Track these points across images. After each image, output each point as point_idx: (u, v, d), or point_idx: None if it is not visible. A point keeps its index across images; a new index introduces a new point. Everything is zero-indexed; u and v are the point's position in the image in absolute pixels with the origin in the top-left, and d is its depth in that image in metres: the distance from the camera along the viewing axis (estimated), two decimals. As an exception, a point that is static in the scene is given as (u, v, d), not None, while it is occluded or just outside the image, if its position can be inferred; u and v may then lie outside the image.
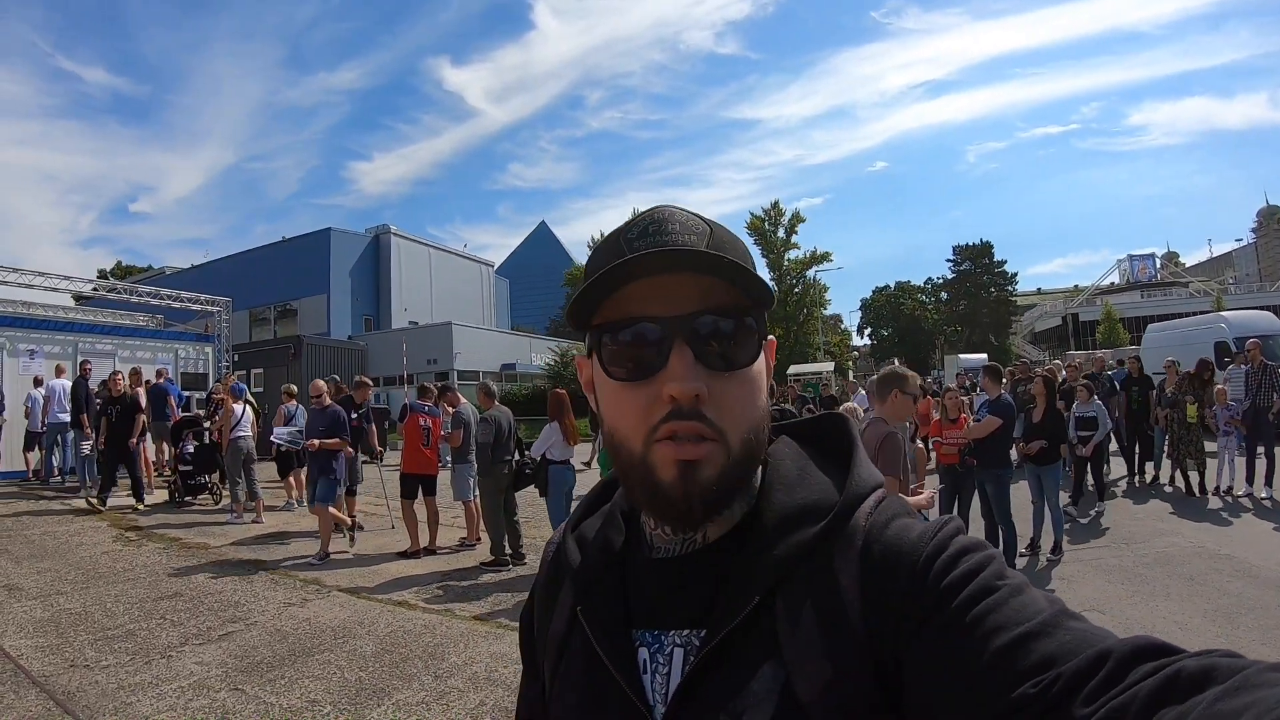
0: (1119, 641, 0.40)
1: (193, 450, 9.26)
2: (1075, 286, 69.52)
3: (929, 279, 58.26)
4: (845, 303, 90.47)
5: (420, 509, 6.58)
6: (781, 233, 40.10)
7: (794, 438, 0.64)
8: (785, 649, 0.50)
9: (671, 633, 0.56)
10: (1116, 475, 9.15)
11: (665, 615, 0.57)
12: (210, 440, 9.28)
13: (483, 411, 6.42)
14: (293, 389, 8.67)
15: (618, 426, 0.56)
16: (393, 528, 7.40)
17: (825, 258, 39.80)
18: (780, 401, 9.25)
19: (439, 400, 7.02)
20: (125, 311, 14.70)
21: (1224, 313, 18.49)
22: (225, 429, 8.39)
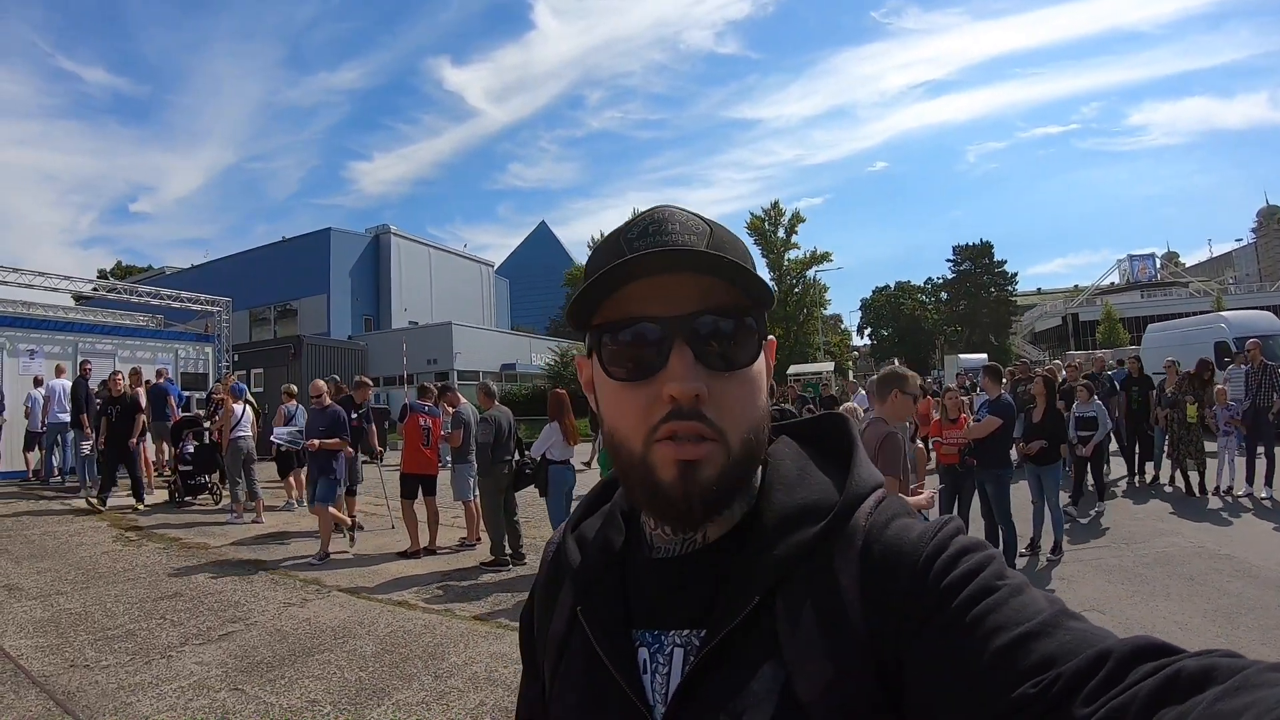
0: (1119, 641, 0.40)
1: (193, 450, 9.27)
2: (1075, 286, 69.54)
3: (929, 279, 58.35)
4: (845, 303, 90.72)
5: (420, 509, 6.58)
6: (781, 233, 40.10)
7: (794, 438, 0.64)
8: (785, 649, 0.50)
9: (671, 633, 0.56)
10: (1117, 475, 9.15)
11: (665, 615, 0.57)
12: (210, 440, 9.29)
13: (483, 411, 6.42)
14: (293, 389, 8.67)
15: (618, 426, 0.56)
16: (393, 528, 7.40)
17: (825, 258, 39.82)
18: (780, 401, 9.25)
19: (439, 400, 7.03)
20: (125, 311, 14.70)
21: (1224, 313, 18.49)
22: (225, 429, 8.39)
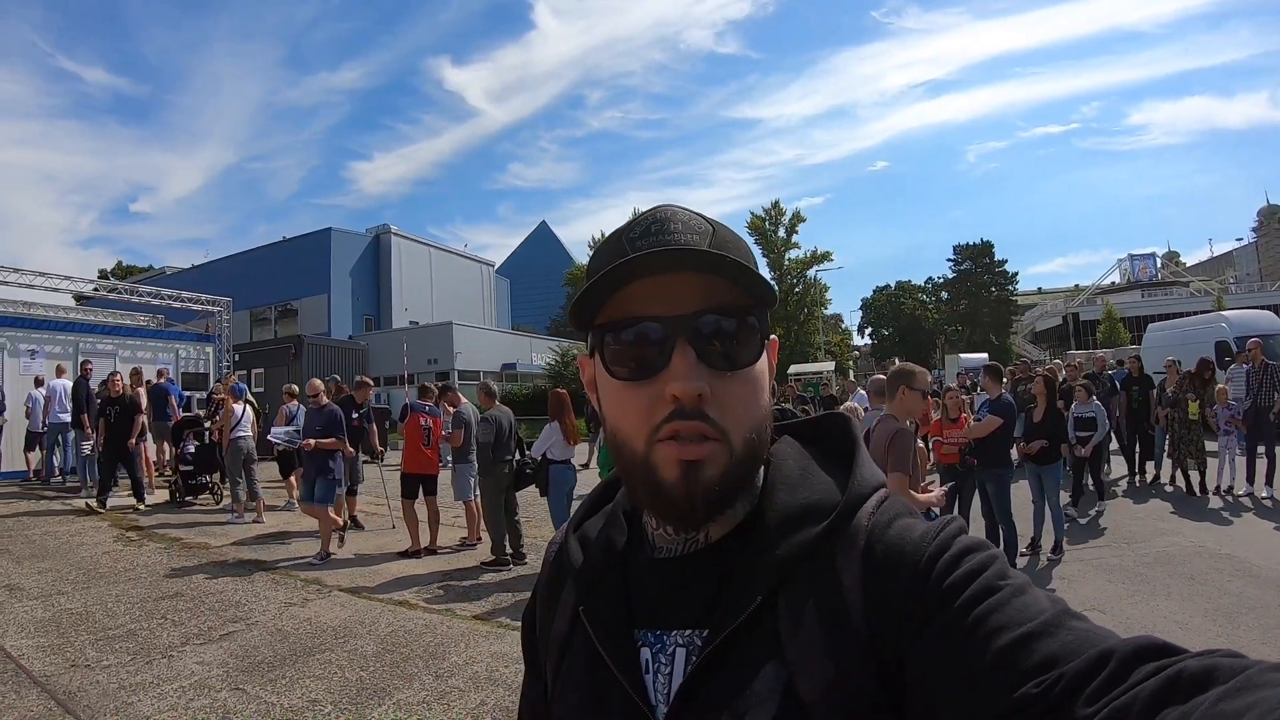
0: (1121, 641, 0.40)
1: (193, 450, 9.26)
2: (1076, 286, 69.44)
3: (929, 278, 58.10)
4: (846, 302, 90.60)
5: (421, 509, 6.58)
6: (782, 232, 39.99)
7: (796, 438, 0.64)
8: (788, 649, 0.50)
9: (674, 632, 0.56)
10: (1117, 475, 9.15)
11: (667, 615, 0.57)
12: (211, 440, 9.29)
13: (483, 411, 6.42)
14: (294, 389, 8.66)
15: (620, 426, 0.56)
16: (393, 527, 7.40)
17: (826, 257, 39.73)
18: (780, 401, 9.22)
19: (439, 400, 7.02)
20: (126, 311, 14.68)
21: (1224, 312, 18.46)
22: (226, 429, 8.40)
